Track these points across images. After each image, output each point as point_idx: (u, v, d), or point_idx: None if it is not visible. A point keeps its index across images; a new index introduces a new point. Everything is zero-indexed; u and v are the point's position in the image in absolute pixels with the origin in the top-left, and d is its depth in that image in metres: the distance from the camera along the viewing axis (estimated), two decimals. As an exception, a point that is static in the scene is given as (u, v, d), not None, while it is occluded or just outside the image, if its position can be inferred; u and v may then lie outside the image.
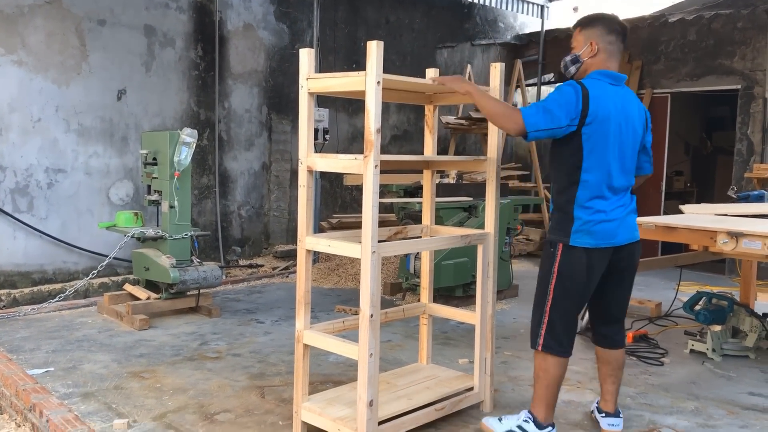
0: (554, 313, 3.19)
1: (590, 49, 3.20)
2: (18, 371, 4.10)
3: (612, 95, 3.12)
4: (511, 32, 11.20)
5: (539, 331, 3.23)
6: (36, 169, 6.20)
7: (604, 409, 3.45)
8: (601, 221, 3.12)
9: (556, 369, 3.21)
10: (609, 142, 3.09)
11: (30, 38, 6.08)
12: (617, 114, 3.11)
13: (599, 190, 3.12)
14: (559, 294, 3.17)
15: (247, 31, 7.83)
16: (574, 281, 3.15)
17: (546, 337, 3.20)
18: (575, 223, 3.12)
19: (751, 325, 4.78)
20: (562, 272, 3.15)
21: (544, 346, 3.21)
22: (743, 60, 8.38)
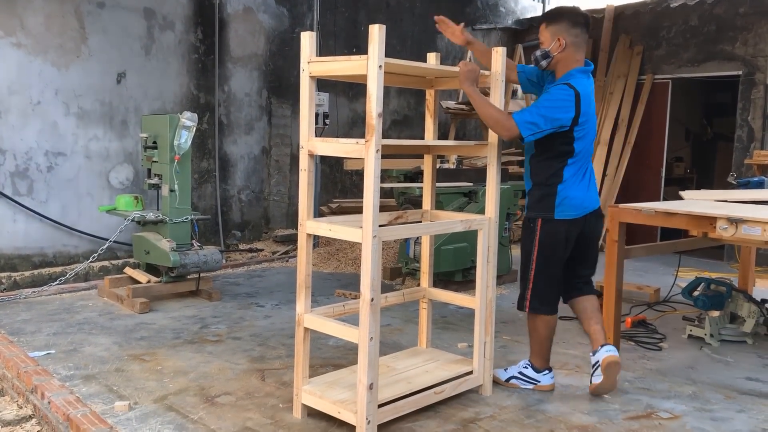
0: (538, 279, 3.62)
1: (558, 44, 3.51)
2: (19, 353, 4.13)
3: (591, 89, 3.56)
4: (512, 17, 11.15)
5: (525, 294, 3.68)
6: (36, 152, 6.19)
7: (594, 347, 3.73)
8: (579, 195, 3.56)
9: (544, 327, 3.70)
10: (591, 131, 3.56)
11: (29, 20, 6.05)
12: (593, 104, 3.57)
13: (581, 171, 3.58)
14: (541, 262, 3.60)
15: (247, 14, 7.79)
16: (554, 249, 3.59)
17: (532, 300, 3.66)
18: (557, 198, 3.54)
19: (749, 310, 4.80)
20: (543, 243, 3.58)
21: (531, 308, 3.68)
22: (745, 46, 8.35)
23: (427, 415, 3.41)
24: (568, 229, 3.57)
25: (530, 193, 3.69)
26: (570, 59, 3.54)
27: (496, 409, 3.53)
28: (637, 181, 9.29)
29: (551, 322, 3.71)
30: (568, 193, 3.55)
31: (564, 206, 3.55)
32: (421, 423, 3.33)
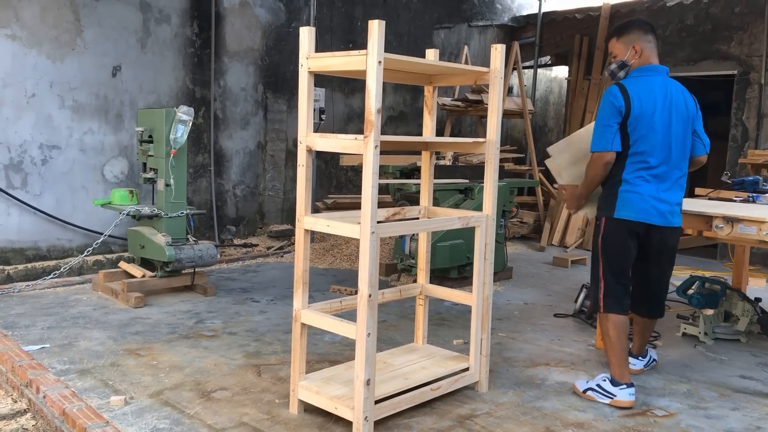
0: (607, 277, 3.63)
1: (634, 52, 3.63)
2: (14, 347, 4.11)
3: (655, 87, 3.53)
4: (509, 14, 11.15)
5: (599, 295, 3.66)
6: (30, 145, 6.15)
7: (637, 354, 4.08)
8: (641, 199, 3.53)
9: (614, 328, 3.59)
10: (655, 133, 3.50)
11: (24, 12, 6.01)
12: (662, 104, 3.52)
13: (643, 174, 3.53)
14: (606, 259, 3.63)
15: (243, 8, 7.76)
16: (617, 247, 3.61)
17: (606, 299, 3.63)
18: (618, 199, 3.56)
19: (743, 309, 4.82)
20: (606, 240, 3.62)
21: (605, 307, 3.63)
22: (740, 45, 8.38)
23: (424, 411, 3.41)
24: (630, 230, 3.57)
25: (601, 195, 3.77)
26: (641, 64, 3.65)
27: (492, 405, 3.54)
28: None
29: (620, 324, 3.61)
30: (628, 193, 3.56)
31: (623, 206, 3.56)
32: (417, 419, 3.33)
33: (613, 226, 3.60)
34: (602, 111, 3.57)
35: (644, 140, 3.51)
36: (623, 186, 3.57)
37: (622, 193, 3.56)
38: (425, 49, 3.87)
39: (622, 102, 3.48)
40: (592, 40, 9.85)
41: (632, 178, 3.55)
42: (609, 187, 3.65)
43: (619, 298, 3.62)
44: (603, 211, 3.66)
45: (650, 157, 3.52)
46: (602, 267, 3.65)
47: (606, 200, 3.65)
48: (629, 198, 3.54)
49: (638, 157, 3.52)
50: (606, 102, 3.55)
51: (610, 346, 3.63)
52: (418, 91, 9.68)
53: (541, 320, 5.26)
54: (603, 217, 3.65)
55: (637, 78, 3.59)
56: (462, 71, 3.64)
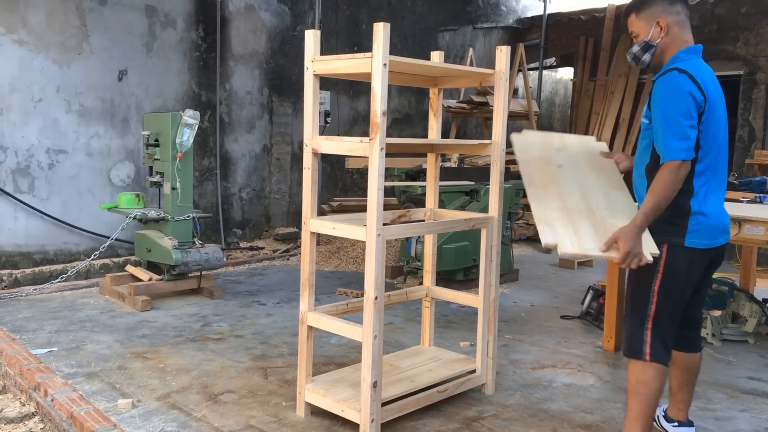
0: (660, 317, 2.81)
1: (659, 29, 2.84)
2: (22, 351, 4.12)
3: (710, 74, 2.80)
4: (513, 16, 11.15)
5: (643, 337, 2.81)
6: (37, 149, 6.18)
7: (676, 417, 3.18)
8: (714, 220, 2.79)
9: (658, 381, 2.79)
10: (720, 130, 2.80)
11: (31, 17, 6.04)
12: (720, 95, 2.81)
13: (712, 185, 2.79)
14: (663, 296, 2.79)
15: (248, 12, 7.78)
16: (681, 281, 2.80)
17: (653, 344, 2.79)
18: (690, 220, 2.75)
19: (751, 310, 4.81)
20: (670, 274, 2.78)
21: (653, 355, 2.78)
22: (746, 46, 8.36)
23: (431, 413, 3.41)
24: (701, 259, 2.82)
25: None
26: (677, 43, 2.84)
27: (499, 407, 3.53)
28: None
29: (664, 375, 2.83)
30: (703, 211, 2.76)
31: (699, 231, 2.76)
32: (424, 422, 3.33)
33: (681, 256, 2.77)
34: (676, 105, 2.67)
35: (713, 140, 2.77)
36: (694, 203, 2.76)
37: (695, 214, 2.75)
38: (430, 51, 3.87)
39: (699, 93, 2.67)
40: (598, 42, 9.84)
41: (704, 192, 2.77)
42: (674, 201, 2.71)
43: (668, 344, 2.84)
44: (665, 236, 2.78)
45: (716, 162, 2.80)
46: (656, 304, 2.79)
47: (670, 222, 2.76)
48: (703, 221, 2.76)
49: (706, 162, 2.77)
50: (679, 93, 2.66)
51: (647, 400, 2.78)
52: (423, 93, 9.69)
53: (547, 322, 5.25)
54: (664, 244, 2.77)
55: (690, 61, 2.78)
56: (467, 73, 3.64)
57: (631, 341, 2.86)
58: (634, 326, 2.85)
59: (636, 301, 2.87)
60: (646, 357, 2.79)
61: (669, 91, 2.70)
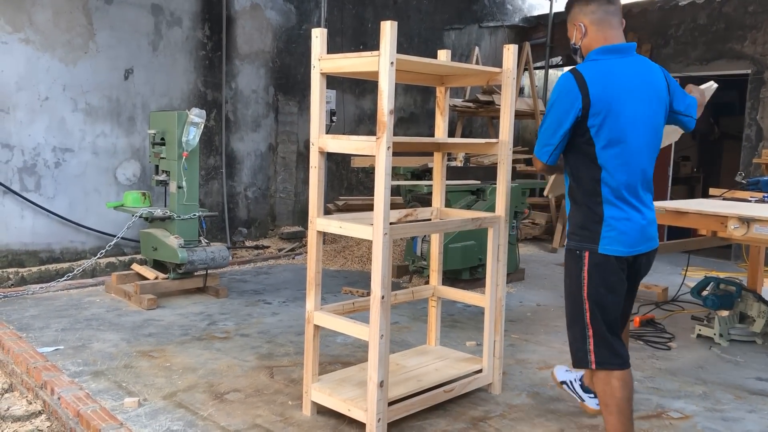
0: (595, 324, 2.78)
1: (578, 30, 2.88)
2: (28, 349, 4.13)
3: (619, 72, 2.75)
4: (519, 14, 11.12)
5: (586, 347, 2.80)
6: (43, 148, 6.19)
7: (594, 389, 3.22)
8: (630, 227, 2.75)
9: (624, 388, 2.76)
10: (626, 131, 2.71)
11: (37, 16, 6.05)
12: (631, 91, 2.73)
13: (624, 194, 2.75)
14: (595, 304, 2.78)
15: (254, 11, 7.78)
16: (607, 288, 2.78)
17: (597, 352, 2.78)
18: (603, 227, 2.75)
19: (759, 310, 4.78)
20: (592, 280, 2.77)
21: (598, 363, 2.77)
22: (754, 44, 8.31)
23: (437, 413, 3.40)
24: (620, 265, 2.78)
25: (569, 217, 2.92)
26: (592, 42, 2.85)
27: (505, 407, 3.52)
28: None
29: (628, 378, 2.79)
30: (615, 222, 2.74)
31: (613, 238, 2.74)
32: (430, 421, 3.32)
33: (600, 262, 2.76)
34: (550, 106, 2.80)
35: (616, 142, 2.71)
36: (607, 210, 2.74)
37: (608, 220, 2.74)
38: (436, 50, 3.86)
39: (577, 94, 2.68)
40: (604, 40, 9.80)
41: (615, 198, 2.74)
42: (587, 207, 2.79)
43: (614, 348, 2.79)
44: (584, 242, 2.79)
45: (629, 166, 2.74)
46: (589, 312, 2.77)
47: (586, 227, 2.79)
48: (617, 227, 2.74)
49: (612, 163, 2.72)
50: (556, 95, 2.77)
51: (618, 409, 2.75)
52: (429, 92, 9.67)
53: (554, 322, 5.23)
54: (586, 251, 2.77)
55: (596, 62, 2.79)
56: (474, 72, 3.62)
57: (575, 353, 2.86)
58: (576, 337, 2.85)
59: (572, 312, 2.87)
60: (591, 366, 2.79)
61: (553, 91, 2.82)
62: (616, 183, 2.74)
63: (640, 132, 2.77)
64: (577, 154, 2.81)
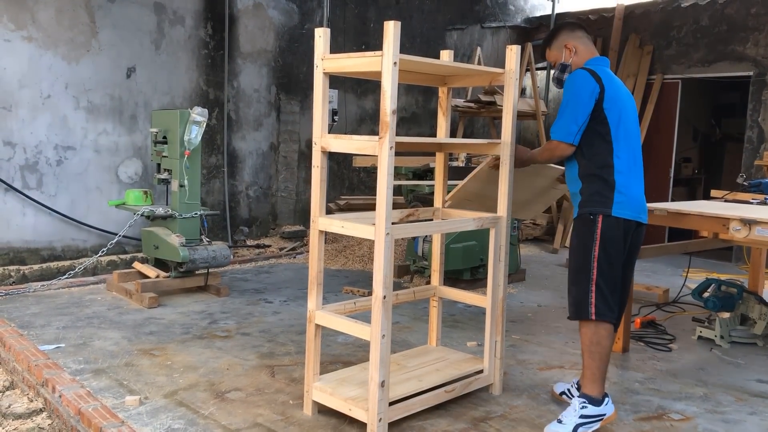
0: (601, 279, 3.23)
1: (569, 51, 3.49)
2: (29, 347, 4.13)
3: (612, 75, 3.38)
4: (521, 15, 11.11)
5: (588, 299, 3.22)
6: (45, 145, 6.19)
7: None
8: (636, 196, 3.31)
9: (609, 339, 3.24)
10: (629, 119, 3.34)
11: (40, 14, 6.05)
12: (624, 94, 3.37)
13: (632, 165, 3.32)
14: (603, 259, 3.23)
15: (256, 10, 7.78)
16: (616, 246, 3.26)
17: (598, 305, 3.21)
18: (615, 193, 3.25)
19: (760, 312, 4.78)
20: (605, 238, 3.24)
21: (598, 314, 3.20)
22: (756, 46, 8.31)
23: (438, 413, 3.40)
24: (626, 230, 3.29)
25: (582, 191, 3.35)
26: (581, 60, 3.47)
27: (506, 408, 3.52)
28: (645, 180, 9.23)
29: (613, 333, 3.28)
30: (624, 190, 3.26)
31: (622, 204, 3.25)
32: (431, 421, 3.32)
33: (613, 224, 3.24)
34: (571, 94, 3.28)
35: (625, 124, 3.29)
36: (618, 178, 3.26)
37: (620, 188, 3.25)
38: (438, 50, 3.86)
39: (595, 84, 3.24)
40: (606, 41, 9.80)
41: (626, 169, 3.28)
42: (601, 178, 3.28)
43: (611, 305, 3.25)
44: (598, 207, 3.26)
45: (631, 144, 3.32)
46: (597, 269, 3.23)
47: (600, 194, 3.27)
48: (627, 194, 3.26)
49: (623, 141, 3.28)
50: (576, 84, 3.28)
51: (601, 357, 3.22)
52: (431, 92, 9.67)
53: (554, 322, 5.23)
54: (600, 215, 3.25)
55: (594, 66, 3.39)
56: (477, 72, 3.62)
57: (577, 305, 3.27)
58: (579, 291, 3.27)
59: (579, 268, 3.30)
60: (592, 317, 3.21)
61: (569, 84, 3.33)
62: (624, 157, 3.28)
63: (634, 121, 3.39)
64: (591, 135, 3.29)
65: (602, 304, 3.21)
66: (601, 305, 3.21)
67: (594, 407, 3.22)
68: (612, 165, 3.27)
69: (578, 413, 3.20)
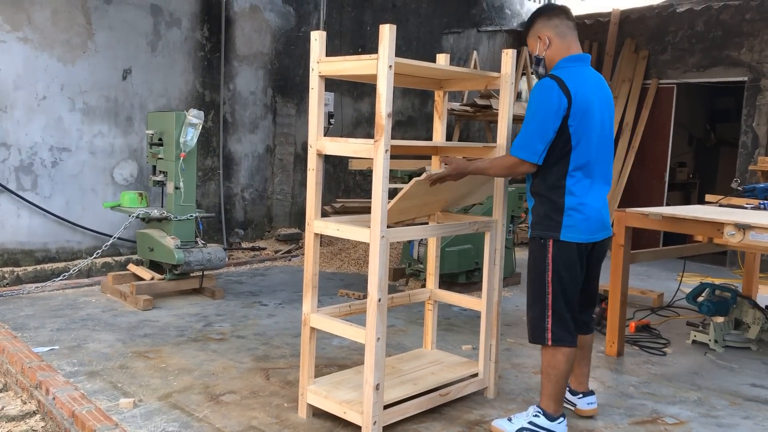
0: (557, 304, 3.13)
1: (542, 42, 3.22)
2: (23, 348, 4.12)
3: (587, 79, 3.12)
4: (518, 19, 11.15)
5: (544, 324, 3.15)
6: (40, 147, 6.18)
7: (580, 390, 3.50)
8: (589, 216, 3.11)
9: (565, 361, 3.14)
10: (594, 131, 3.08)
11: (36, 15, 6.04)
12: (597, 98, 3.12)
13: (586, 183, 3.11)
14: (557, 284, 3.13)
15: (253, 12, 7.78)
16: (570, 270, 3.13)
17: (554, 330, 3.13)
18: (564, 216, 3.09)
19: (754, 317, 4.79)
20: (556, 265, 3.13)
21: (554, 339, 3.12)
22: (751, 52, 8.35)
23: (433, 417, 3.40)
24: (580, 252, 3.15)
25: (533, 209, 3.24)
26: (557, 53, 3.19)
27: (501, 411, 3.52)
28: (640, 185, 9.29)
29: (572, 356, 3.18)
30: (577, 208, 3.10)
31: (573, 227, 3.10)
32: (426, 425, 3.32)
33: (564, 249, 3.11)
34: (537, 110, 3.04)
35: (587, 140, 3.06)
36: (569, 200, 3.08)
37: (569, 210, 3.08)
38: (434, 53, 3.87)
39: (562, 98, 2.99)
40: (602, 46, 9.83)
41: (578, 189, 3.09)
42: (550, 200, 3.13)
43: (569, 328, 3.15)
44: (547, 231, 3.14)
45: (592, 160, 3.09)
46: (552, 294, 3.13)
47: (549, 217, 3.13)
48: (577, 217, 3.09)
49: (581, 160, 3.06)
50: (542, 99, 3.03)
51: (557, 380, 3.14)
52: (426, 96, 9.68)
53: (549, 326, 5.23)
54: (550, 239, 3.12)
55: (567, 69, 3.11)
56: (473, 76, 3.64)
57: (533, 329, 3.21)
58: (535, 315, 3.21)
59: (534, 293, 3.22)
60: (548, 342, 3.14)
61: (533, 98, 3.09)
62: (580, 175, 3.09)
63: (602, 133, 3.14)
64: (550, 152, 3.07)
65: (559, 329, 3.13)
66: (557, 330, 3.13)
67: (546, 420, 3.16)
68: (563, 186, 3.09)
69: (529, 419, 3.19)
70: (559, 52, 3.18)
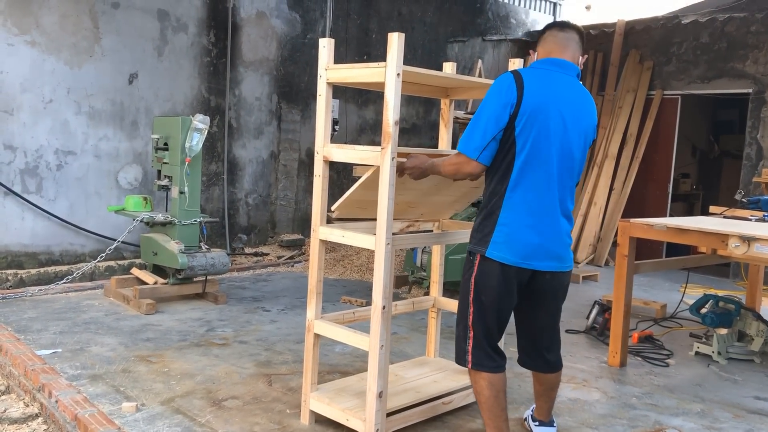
0: (477, 327, 2.90)
1: (531, 57, 3.09)
2: (26, 351, 4.12)
3: (555, 83, 2.83)
4: (523, 29, 11.18)
5: (465, 346, 2.93)
6: (46, 150, 6.20)
7: (539, 417, 3.32)
8: (525, 237, 2.79)
9: (490, 389, 2.87)
10: (552, 144, 2.78)
11: (44, 19, 6.07)
12: (562, 108, 2.80)
13: (531, 197, 2.78)
14: (479, 306, 2.89)
15: (259, 18, 7.81)
16: (492, 294, 2.85)
17: (474, 353, 2.90)
18: (495, 231, 2.80)
19: (758, 329, 4.78)
20: (479, 283, 2.87)
21: (474, 364, 2.90)
22: (756, 64, 8.36)
23: (435, 425, 3.39)
24: (506, 274, 2.82)
25: (475, 218, 2.99)
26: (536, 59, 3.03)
27: (503, 421, 3.51)
28: (643, 196, 9.28)
29: (497, 382, 2.89)
30: (508, 228, 2.78)
31: (501, 244, 2.79)
32: (428, 433, 3.31)
33: (487, 268, 2.83)
34: (486, 103, 2.80)
35: (537, 152, 2.76)
36: (504, 215, 2.79)
37: (500, 226, 2.79)
38: (439, 61, 3.88)
39: (513, 92, 2.74)
40: (606, 57, 9.85)
41: (520, 204, 2.77)
42: (485, 208, 2.86)
43: (489, 353, 2.90)
44: (476, 245, 2.86)
45: (543, 179, 2.78)
46: (473, 315, 2.89)
47: (480, 228, 2.87)
48: (510, 234, 2.78)
49: (529, 172, 2.76)
50: (492, 91, 2.80)
51: (486, 407, 2.88)
52: (431, 104, 9.70)
53: (552, 336, 5.22)
54: (478, 254, 2.85)
55: (535, 69, 2.90)
56: (479, 85, 3.64)
57: (457, 350, 3.00)
58: (459, 336, 3.00)
59: (460, 311, 3.00)
60: (468, 365, 2.94)
61: (490, 90, 2.83)
62: (522, 190, 2.78)
63: (563, 152, 2.82)
64: (498, 154, 2.81)
65: (479, 353, 2.89)
66: (478, 354, 2.89)
67: None
68: (502, 194, 2.79)
69: None
70: (538, 58, 3.00)
